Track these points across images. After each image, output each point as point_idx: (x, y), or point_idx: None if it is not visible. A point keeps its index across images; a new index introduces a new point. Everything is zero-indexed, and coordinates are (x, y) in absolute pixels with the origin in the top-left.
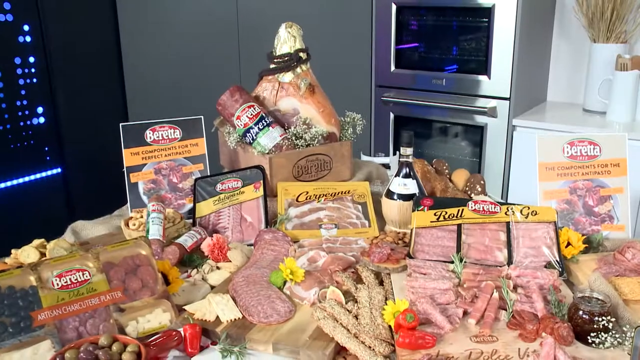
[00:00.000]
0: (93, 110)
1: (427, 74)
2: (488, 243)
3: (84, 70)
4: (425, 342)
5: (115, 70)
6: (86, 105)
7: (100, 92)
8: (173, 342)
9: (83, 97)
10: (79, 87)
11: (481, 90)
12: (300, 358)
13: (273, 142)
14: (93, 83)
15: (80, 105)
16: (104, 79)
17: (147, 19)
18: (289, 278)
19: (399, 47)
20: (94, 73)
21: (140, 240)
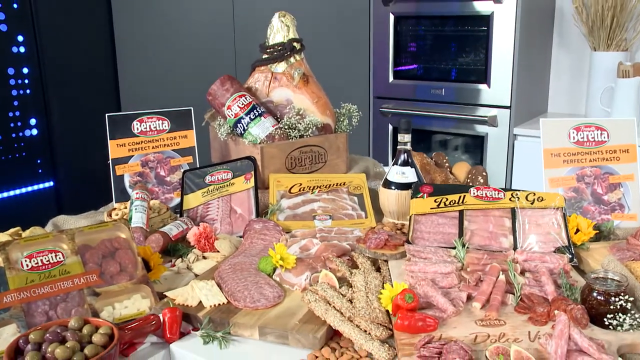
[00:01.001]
0: (87, 122)
1: (426, 84)
2: (492, 229)
3: (79, 81)
4: (426, 324)
5: (110, 82)
6: (80, 117)
7: (94, 105)
8: (150, 327)
9: (77, 109)
10: (73, 99)
11: (481, 99)
12: (289, 343)
13: (265, 132)
14: (87, 95)
15: (74, 118)
16: (98, 91)
17: (143, 31)
18: (279, 264)
19: (397, 57)
20: (88, 85)
21: (119, 223)
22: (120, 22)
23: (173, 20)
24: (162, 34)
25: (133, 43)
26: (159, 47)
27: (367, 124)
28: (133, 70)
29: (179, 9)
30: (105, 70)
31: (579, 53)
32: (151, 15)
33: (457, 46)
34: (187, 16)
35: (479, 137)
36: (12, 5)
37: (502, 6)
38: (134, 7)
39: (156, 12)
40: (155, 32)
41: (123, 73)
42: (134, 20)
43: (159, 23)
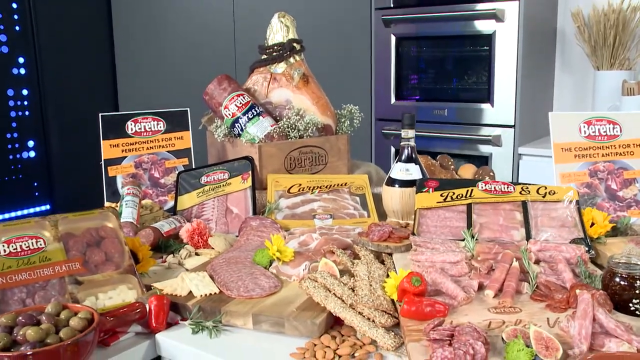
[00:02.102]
0: (86, 146)
1: (428, 105)
2: (502, 222)
3: (78, 105)
4: (435, 310)
5: (110, 107)
6: (79, 141)
7: (94, 129)
8: (135, 315)
9: (76, 132)
10: (72, 122)
11: (484, 119)
12: (285, 331)
13: (263, 131)
14: (87, 118)
15: (72, 141)
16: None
17: (144, 50)
18: (276, 257)
19: (399, 79)
20: (88, 108)
21: (107, 212)
22: (122, 45)
23: (173, 27)
24: (162, 45)
25: (134, 69)
26: (159, 59)
27: (369, 146)
28: (134, 92)
29: (178, 15)
30: (105, 93)
31: (582, 73)
32: (151, 28)
33: (459, 66)
34: (187, 19)
35: (483, 157)
36: (14, 27)
37: (504, 25)
38: (135, 30)
39: (156, 23)
40: (159, 51)
41: (124, 97)
42: (136, 43)
43: (159, 34)
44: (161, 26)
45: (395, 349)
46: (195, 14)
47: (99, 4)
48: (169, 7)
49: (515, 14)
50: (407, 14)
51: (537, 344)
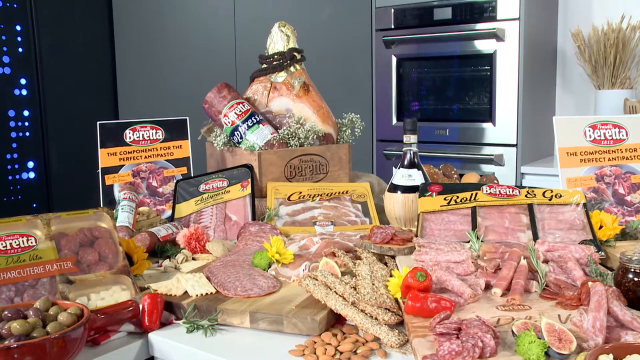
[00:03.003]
0: (86, 169)
1: (430, 125)
2: (508, 225)
3: (79, 127)
4: (441, 307)
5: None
6: (79, 163)
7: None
8: (127, 313)
9: (76, 153)
10: (72, 144)
11: (486, 138)
12: (283, 329)
13: (263, 140)
14: (87, 141)
15: (72, 163)
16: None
17: (145, 74)
18: (275, 259)
19: (400, 99)
20: (89, 131)
21: (101, 212)
22: (124, 71)
23: (174, 41)
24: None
25: (135, 88)
26: (160, 75)
27: (371, 167)
28: (135, 112)
29: (179, 27)
30: (106, 116)
31: (583, 92)
32: (152, 45)
33: (461, 86)
34: (187, 30)
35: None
36: (18, 49)
37: (505, 44)
38: (137, 53)
39: (158, 38)
40: (157, 60)
41: (125, 115)
42: (136, 61)
43: (160, 50)
44: (163, 42)
45: (399, 346)
46: (196, 25)
47: (101, 28)
48: (170, 21)
49: (516, 33)
50: (408, 34)
51: (550, 336)
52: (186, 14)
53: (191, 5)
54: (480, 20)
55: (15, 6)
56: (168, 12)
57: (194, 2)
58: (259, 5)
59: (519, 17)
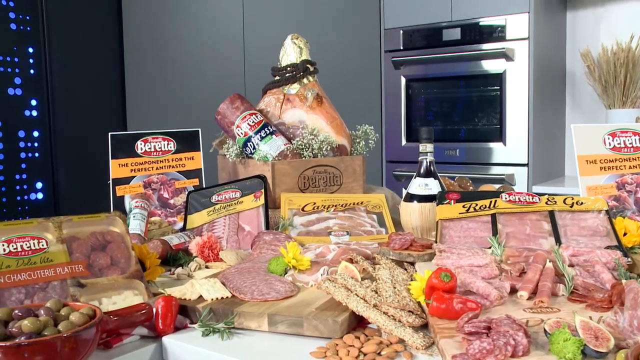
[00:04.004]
0: (93, 191)
1: (440, 146)
2: (529, 232)
3: (88, 149)
4: (467, 308)
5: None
6: (87, 183)
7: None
8: (140, 316)
9: (84, 176)
10: (81, 166)
11: (497, 158)
12: (303, 332)
13: (276, 150)
14: (96, 163)
15: (80, 184)
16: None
17: (153, 99)
18: (292, 265)
19: (410, 120)
20: (97, 153)
21: (113, 216)
22: (133, 93)
23: (183, 58)
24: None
25: (145, 112)
26: (169, 94)
27: None
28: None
29: (188, 45)
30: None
31: (593, 112)
32: (162, 68)
33: (470, 106)
34: (196, 44)
35: None
36: (29, 71)
37: (514, 64)
38: (147, 75)
39: (167, 60)
40: (166, 79)
41: None
42: (146, 84)
43: (170, 69)
44: (171, 60)
45: (425, 348)
46: (205, 44)
47: (111, 50)
48: (179, 40)
49: (525, 53)
50: (417, 55)
51: (586, 334)
52: (195, 33)
53: (200, 26)
54: (489, 40)
55: (28, 29)
56: (177, 30)
57: (203, 23)
58: (269, 22)
59: (528, 37)
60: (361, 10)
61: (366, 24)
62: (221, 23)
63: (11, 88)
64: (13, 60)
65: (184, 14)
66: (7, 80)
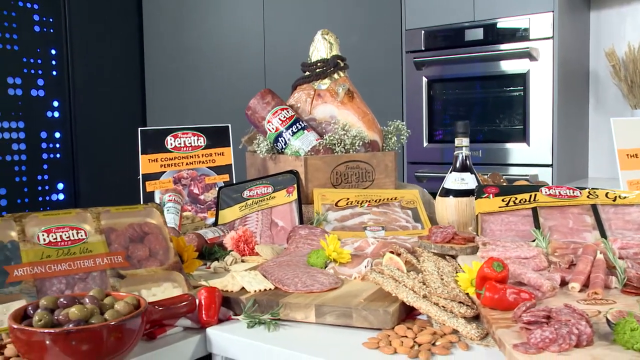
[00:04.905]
0: (114, 193)
1: None
2: (572, 225)
3: (108, 150)
4: (520, 298)
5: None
6: (107, 186)
7: (123, 175)
8: (183, 307)
9: (105, 177)
10: (102, 167)
11: (521, 159)
12: (352, 323)
13: (308, 145)
14: (117, 165)
15: (101, 185)
16: (128, 161)
17: (174, 94)
18: (333, 258)
19: (431, 121)
20: (117, 154)
21: (151, 207)
22: (153, 91)
23: (203, 61)
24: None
25: (164, 109)
26: (189, 95)
27: None
28: None
29: (208, 48)
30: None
31: (617, 112)
32: (181, 71)
33: (493, 106)
34: (216, 52)
35: None
36: (52, 72)
37: (539, 64)
38: (167, 70)
39: (187, 63)
40: (188, 97)
41: None
42: (167, 92)
43: (190, 73)
44: (191, 63)
45: (480, 338)
46: (226, 47)
47: (132, 52)
48: (199, 44)
49: (550, 52)
50: (439, 56)
51: None
52: (215, 34)
53: (221, 27)
54: (512, 40)
55: (51, 31)
56: (198, 31)
57: (224, 24)
58: (289, 23)
59: (552, 36)
60: (382, 11)
61: (387, 25)
62: (242, 25)
63: (34, 89)
64: (36, 62)
65: (204, 14)
66: (31, 81)
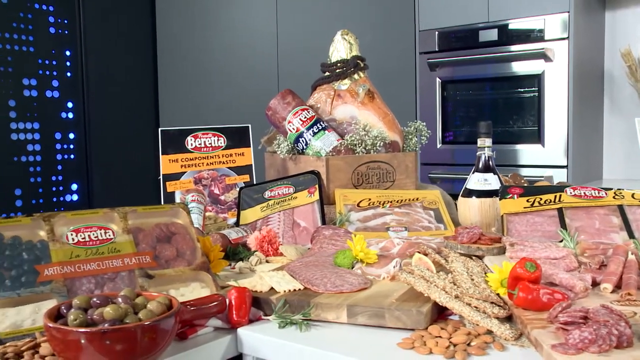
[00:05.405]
0: (127, 193)
1: (475, 148)
2: (599, 226)
3: (122, 151)
4: (554, 299)
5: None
6: (121, 187)
7: (136, 175)
8: (214, 307)
9: (118, 178)
10: (115, 168)
11: (535, 160)
12: (385, 323)
13: (330, 146)
14: (130, 165)
15: (114, 186)
16: (142, 161)
17: (187, 96)
18: (360, 258)
19: (445, 122)
20: (132, 155)
21: (177, 207)
22: (166, 92)
23: (215, 64)
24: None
25: (177, 111)
26: (202, 96)
27: None
28: None
29: (221, 50)
30: (149, 138)
31: (633, 114)
32: (194, 73)
33: (507, 107)
34: (230, 54)
35: None
36: (66, 73)
37: (554, 64)
38: (180, 74)
39: (200, 64)
40: (200, 99)
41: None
42: (179, 95)
43: (203, 68)
44: (204, 65)
45: (515, 339)
46: (238, 40)
47: (145, 53)
48: (212, 40)
49: (565, 53)
50: (453, 57)
51: None
52: (228, 35)
53: (233, 28)
54: (527, 40)
55: (66, 32)
56: (211, 32)
57: (236, 25)
58: (302, 24)
59: (568, 37)
60: (395, 12)
61: (401, 26)
62: (255, 25)
63: (49, 90)
64: (51, 63)
65: (217, 15)
66: (46, 82)
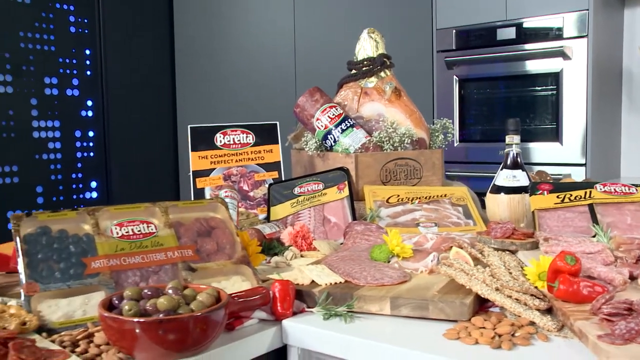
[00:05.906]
0: (146, 189)
1: (494, 146)
2: (630, 222)
3: (141, 149)
4: (594, 292)
5: (171, 152)
6: (140, 184)
7: (154, 172)
8: (259, 300)
9: (137, 175)
10: (134, 165)
11: (553, 158)
12: (428, 314)
13: (358, 143)
14: (148, 163)
15: (133, 183)
16: (160, 159)
17: (205, 93)
18: (396, 252)
19: (462, 121)
20: (150, 153)
21: (216, 202)
22: (183, 92)
23: (233, 63)
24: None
25: (196, 108)
26: (221, 94)
27: None
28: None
29: (239, 48)
30: (167, 138)
31: None
32: (212, 71)
33: (525, 105)
34: (247, 45)
35: None
36: (86, 72)
37: (572, 62)
38: (197, 76)
39: (218, 57)
40: (220, 97)
41: (184, 137)
42: (197, 92)
43: (220, 66)
44: (222, 63)
45: (557, 330)
46: (256, 39)
47: (163, 52)
48: (229, 39)
49: (584, 51)
50: (470, 55)
51: None
52: (246, 34)
53: (251, 27)
54: (545, 39)
55: (86, 31)
56: (228, 31)
57: (254, 24)
58: (319, 23)
59: (587, 35)
60: (413, 10)
61: (418, 24)
62: (272, 23)
63: (69, 89)
64: (72, 62)
65: (234, 14)
66: (66, 81)
